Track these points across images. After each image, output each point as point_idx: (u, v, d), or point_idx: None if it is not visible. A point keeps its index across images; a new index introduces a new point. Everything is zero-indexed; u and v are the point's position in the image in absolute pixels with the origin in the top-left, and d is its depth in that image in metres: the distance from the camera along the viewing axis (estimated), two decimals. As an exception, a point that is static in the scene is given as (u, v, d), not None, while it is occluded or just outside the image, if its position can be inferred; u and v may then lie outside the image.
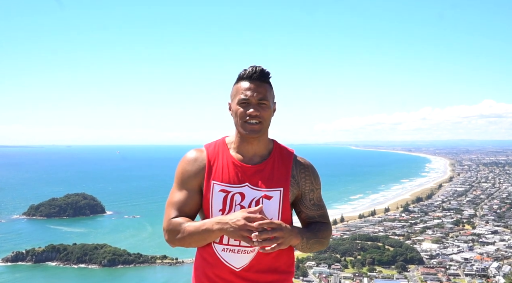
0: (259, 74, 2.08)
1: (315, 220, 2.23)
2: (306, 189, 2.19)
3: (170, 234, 2.06)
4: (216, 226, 1.96)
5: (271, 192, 2.08)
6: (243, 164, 2.12)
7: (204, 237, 2.01)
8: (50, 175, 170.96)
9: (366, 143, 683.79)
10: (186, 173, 2.13)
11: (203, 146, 2.21)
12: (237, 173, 2.10)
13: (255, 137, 2.09)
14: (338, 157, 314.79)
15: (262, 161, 2.14)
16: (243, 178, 2.09)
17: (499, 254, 60.01)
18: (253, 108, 2.05)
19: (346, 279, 52.47)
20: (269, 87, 2.11)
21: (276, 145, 2.22)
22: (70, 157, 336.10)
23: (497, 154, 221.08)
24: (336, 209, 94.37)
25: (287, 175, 2.14)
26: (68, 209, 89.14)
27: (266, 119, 2.09)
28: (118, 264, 58.99)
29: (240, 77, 2.12)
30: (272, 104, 2.12)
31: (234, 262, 2.06)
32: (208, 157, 2.14)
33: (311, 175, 2.21)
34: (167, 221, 2.08)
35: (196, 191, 2.12)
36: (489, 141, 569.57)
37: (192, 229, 2.01)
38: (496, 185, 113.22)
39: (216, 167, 2.12)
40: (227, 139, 2.22)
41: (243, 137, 2.12)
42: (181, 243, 2.05)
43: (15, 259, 60.55)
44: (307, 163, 2.23)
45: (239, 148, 2.15)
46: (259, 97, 2.06)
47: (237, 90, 2.10)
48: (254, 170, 2.11)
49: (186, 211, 2.10)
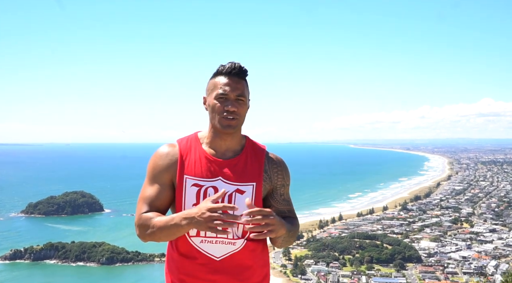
0: (238, 71, 2.09)
1: (285, 215, 2.22)
2: (278, 184, 2.21)
3: (141, 229, 2.04)
4: (184, 221, 1.92)
5: (244, 186, 2.09)
6: (216, 159, 2.12)
7: (173, 231, 1.97)
8: (48, 173, 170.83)
9: (365, 142, 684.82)
10: (157, 167, 2.12)
11: (175, 141, 2.20)
12: (210, 167, 2.10)
13: (230, 132, 2.09)
14: (337, 156, 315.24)
15: (235, 156, 2.15)
16: (216, 172, 2.09)
17: (497, 252, 60.17)
18: (231, 104, 2.05)
19: (344, 277, 52.57)
20: (246, 84, 2.13)
21: (248, 141, 2.23)
22: (69, 155, 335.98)
23: (495, 152, 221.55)
24: (335, 207, 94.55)
25: (260, 170, 2.14)
26: (66, 207, 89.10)
27: (242, 116, 2.10)
28: (116, 262, 59.02)
29: (218, 72, 2.11)
30: (248, 101, 2.14)
31: (214, 251, 2.04)
32: (181, 152, 2.13)
33: (283, 170, 2.23)
34: (138, 216, 2.06)
35: (167, 186, 2.11)
36: (487, 140, 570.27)
37: (161, 224, 1.98)
38: (494, 184, 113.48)
39: (188, 162, 2.10)
40: (200, 134, 2.22)
41: (217, 132, 2.12)
42: (152, 237, 2.03)
43: (13, 257, 60.52)
44: (279, 159, 2.25)
45: (212, 143, 2.15)
46: (238, 93, 2.07)
47: (214, 85, 2.10)
48: (227, 164, 2.11)
49: (157, 206, 2.09)
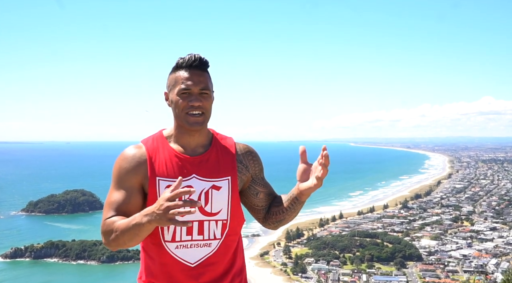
0: (199, 63, 1.96)
1: (275, 195, 2.18)
2: (256, 169, 2.15)
3: (106, 235, 1.86)
4: (145, 218, 1.71)
5: (219, 181, 1.99)
6: (187, 156, 1.99)
7: (136, 232, 1.76)
8: (49, 171, 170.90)
9: (365, 140, 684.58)
10: (123, 171, 1.98)
11: (139, 142, 2.06)
12: (182, 165, 1.97)
13: (198, 129, 1.97)
14: (337, 154, 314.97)
15: (205, 151, 2.04)
16: (189, 170, 1.97)
17: (498, 250, 60.19)
18: (195, 99, 1.93)
19: (345, 275, 52.57)
20: (208, 76, 2.00)
21: (215, 134, 2.12)
22: (69, 154, 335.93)
23: (496, 151, 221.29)
24: (335, 205, 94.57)
25: (233, 163, 2.06)
26: (67, 206, 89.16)
27: (209, 110, 1.98)
28: (117, 260, 59.09)
29: (178, 65, 1.97)
30: (212, 94, 2.01)
31: (189, 257, 1.94)
32: (148, 153, 1.98)
33: (256, 156, 2.17)
34: (102, 222, 1.90)
35: (136, 190, 1.95)
36: (488, 138, 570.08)
37: (123, 226, 1.79)
38: (495, 182, 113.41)
39: (158, 163, 1.96)
40: (165, 132, 2.07)
41: (184, 129, 1.99)
42: (116, 243, 1.83)
43: (14, 256, 60.58)
44: (249, 147, 2.17)
45: (180, 140, 2.02)
46: (201, 86, 1.94)
47: (176, 80, 1.96)
48: (199, 160, 2.00)
49: (123, 211, 1.91)
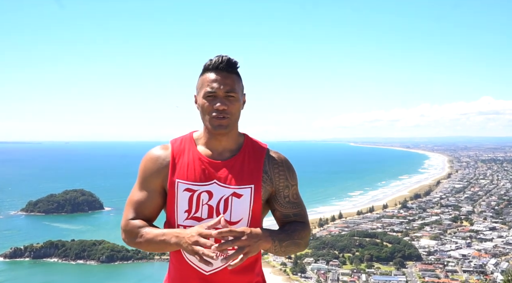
0: (226, 64, 1.90)
1: (291, 219, 2.05)
2: (280, 185, 2.01)
3: (127, 235, 1.94)
4: (174, 239, 1.81)
5: (241, 189, 1.91)
6: (211, 160, 1.94)
7: (161, 247, 1.86)
8: (48, 171, 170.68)
9: (365, 140, 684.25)
10: (147, 171, 1.96)
11: (168, 142, 2.03)
12: (204, 169, 1.92)
13: (223, 133, 1.92)
14: (337, 154, 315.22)
15: (232, 156, 1.96)
16: (210, 175, 1.91)
17: (497, 250, 60.13)
18: (220, 102, 1.87)
19: (344, 275, 52.54)
20: (237, 78, 1.93)
21: (247, 140, 2.04)
22: (69, 153, 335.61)
23: (495, 151, 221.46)
24: (335, 205, 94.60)
25: (259, 171, 1.96)
26: (66, 205, 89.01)
27: (235, 113, 1.91)
28: (116, 260, 59.00)
29: (205, 68, 1.93)
30: (241, 96, 1.94)
31: (204, 265, 1.90)
32: (173, 154, 1.96)
33: (285, 170, 2.02)
34: (125, 221, 1.95)
35: (157, 192, 1.96)
36: (487, 138, 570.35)
37: (150, 237, 1.87)
38: (494, 182, 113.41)
39: (180, 164, 1.93)
40: (195, 134, 2.03)
41: (211, 132, 1.94)
42: (138, 246, 1.93)
43: (13, 255, 60.45)
44: (281, 158, 2.04)
45: (207, 143, 1.97)
46: (227, 89, 1.87)
47: (202, 82, 1.92)
48: (223, 165, 1.93)
49: (145, 213, 1.96)
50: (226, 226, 1.78)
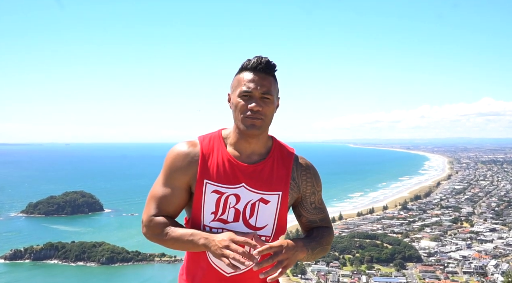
0: (265, 66, 1.87)
1: (317, 225, 2.07)
2: (307, 192, 2.01)
3: (149, 231, 1.90)
4: (202, 241, 1.79)
5: (269, 195, 1.90)
6: (240, 163, 1.90)
7: (187, 246, 1.85)
8: (48, 173, 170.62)
9: (365, 141, 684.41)
10: (174, 168, 1.91)
11: (196, 139, 1.98)
12: (233, 172, 1.88)
13: (255, 133, 1.87)
14: (337, 155, 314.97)
15: (260, 160, 1.92)
16: (239, 178, 1.88)
17: (497, 252, 60.11)
18: (255, 102, 1.83)
19: (344, 277, 52.52)
20: (274, 81, 1.90)
21: (275, 143, 2.00)
22: (69, 155, 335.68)
23: (495, 152, 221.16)
24: (335, 207, 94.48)
25: (287, 178, 1.94)
26: (66, 207, 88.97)
27: (268, 115, 1.88)
28: (116, 262, 58.96)
29: (243, 67, 1.90)
30: (275, 99, 1.92)
31: (225, 267, 1.90)
32: (202, 152, 1.91)
33: (312, 177, 2.02)
34: (148, 217, 1.91)
35: (183, 189, 1.92)
36: (487, 139, 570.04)
37: (176, 235, 1.85)
38: (494, 183, 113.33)
39: (210, 164, 1.89)
40: (224, 133, 1.99)
41: (242, 133, 1.89)
42: (160, 243, 1.90)
43: (13, 257, 60.43)
44: (308, 164, 2.03)
45: (236, 144, 1.92)
46: (263, 90, 1.84)
47: (239, 81, 1.88)
48: (252, 169, 1.90)
49: (168, 210, 1.92)
50: (260, 243, 1.76)
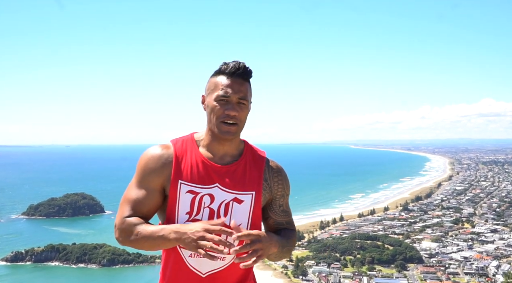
0: (243, 71, 1.92)
1: (283, 227, 2.11)
2: (278, 194, 2.07)
3: (122, 233, 1.90)
4: (173, 235, 1.79)
5: (242, 195, 1.94)
6: (213, 163, 1.95)
7: (158, 243, 1.84)
8: (49, 175, 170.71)
9: (366, 142, 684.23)
10: (148, 170, 1.94)
11: (169, 142, 2.02)
12: (207, 172, 1.93)
13: (229, 138, 1.93)
14: (338, 156, 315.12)
15: (233, 162, 1.98)
16: (213, 178, 1.93)
17: (499, 252, 60.02)
18: (232, 108, 1.89)
19: (345, 278, 52.46)
20: (249, 86, 1.96)
21: (247, 146, 2.07)
22: (69, 157, 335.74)
23: (496, 152, 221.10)
24: (336, 208, 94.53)
25: (260, 178, 1.99)
26: (67, 209, 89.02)
27: (243, 120, 1.94)
28: (117, 264, 58.95)
29: (221, 70, 1.94)
30: (250, 104, 1.97)
31: (200, 267, 1.92)
32: (176, 154, 1.94)
33: (283, 180, 2.09)
34: (121, 219, 1.91)
35: (156, 191, 1.94)
36: (488, 140, 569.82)
37: (147, 233, 1.84)
38: (496, 184, 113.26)
39: (184, 166, 1.93)
40: (196, 136, 2.04)
41: (215, 136, 1.95)
42: (133, 244, 1.89)
43: (14, 259, 60.45)
44: (279, 167, 2.10)
45: (209, 146, 1.98)
46: (240, 96, 1.90)
47: (216, 85, 1.92)
48: (225, 170, 1.95)
49: (142, 211, 1.93)
50: (238, 229, 1.80)
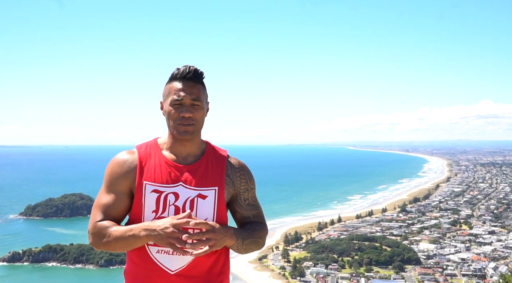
0: (193, 74, 2.04)
1: (250, 220, 2.21)
2: (241, 188, 2.17)
3: (95, 237, 1.98)
4: (143, 232, 1.90)
5: (205, 191, 2.05)
6: (177, 164, 2.06)
7: (130, 243, 1.94)
8: (47, 175, 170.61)
9: (364, 144, 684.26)
10: (114, 175, 2.05)
11: (134, 147, 2.15)
12: (170, 172, 2.04)
13: (188, 138, 2.05)
14: (336, 158, 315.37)
15: (196, 161, 2.10)
16: (177, 178, 2.04)
17: (496, 254, 60.14)
18: (186, 110, 2.00)
19: (343, 279, 52.52)
20: (202, 88, 2.07)
21: (209, 146, 2.19)
22: (68, 157, 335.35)
23: (494, 154, 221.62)
24: (334, 209, 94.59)
25: (222, 174, 2.10)
26: (65, 209, 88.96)
27: (199, 120, 2.05)
28: (115, 264, 58.95)
29: (173, 76, 2.06)
30: (205, 105, 2.09)
31: (169, 264, 1.99)
32: (140, 158, 2.07)
33: (245, 174, 2.19)
34: (92, 224, 2.00)
35: (125, 194, 2.04)
36: (486, 142, 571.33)
37: (118, 234, 1.94)
38: (493, 186, 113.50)
39: (148, 168, 2.05)
40: (159, 140, 2.16)
41: (176, 138, 2.07)
42: (106, 247, 1.97)
43: (12, 260, 60.40)
44: (241, 163, 2.21)
45: (172, 148, 2.10)
46: (193, 97, 2.01)
47: (169, 90, 2.05)
48: (188, 169, 2.07)
49: (113, 215, 2.02)
50: (192, 217, 1.94)
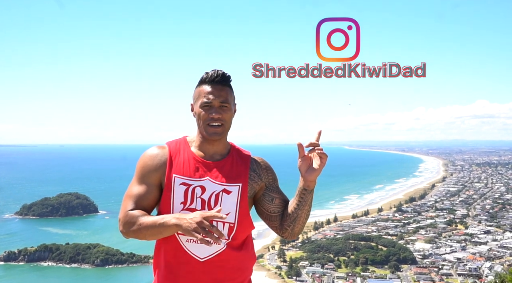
0: (221, 78, 2.19)
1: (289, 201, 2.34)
2: (270, 178, 2.33)
3: (126, 225, 2.10)
4: (173, 220, 2.01)
5: (230, 186, 2.19)
6: (204, 160, 2.22)
7: (160, 230, 2.04)
8: (43, 174, 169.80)
9: (360, 143, 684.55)
10: (147, 167, 2.19)
11: (164, 143, 2.29)
12: (198, 167, 2.20)
13: (217, 139, 2.20)
14: (332, 157, 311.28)
15: (222, 159, 2.26)
16: (204, 173, 2.19)
17: (492, 254, 60.34)
18: (215, 111, 2.16)
19: (339, 279, 52.60)
20: (230, 90, 2.23)
21: (233, 147, 2.35)
22: (63, 157, 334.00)
23: (490, 154, 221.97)
24: (330, 209, 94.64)
25: (246, 172, 2.26)
26: (61, 209, 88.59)
27: (228, 121, 2.21)
28: (111, 264, 58.77)
29: (202, 80, 2.21)
30: (233, 106, 2.25)
31: (198, 252, 2.13)
32: (170, 153, 2.22)
33: (270, 168, 2.36)
34: (124, 213, 2.12)
35: (155, 186, 2.18)
36: (482, 141, 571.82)
37: (149, 222, 2.06)
38: (489, 185, 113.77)
39: (177, 162, 2.20)
40: (188, 138, 2.32)
41: (205, 138, 2.22)
42: (136, 235, 2.09)
43: (7, 259, 60.08)
44: (265, 160, 2.38)
45: (200, 146, 2.25)
46: (221, 100, 2.17)
47: (199, 93, 2.20)
48: (215, 165, 2.22)
49: (143, 205, 2.15)
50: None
